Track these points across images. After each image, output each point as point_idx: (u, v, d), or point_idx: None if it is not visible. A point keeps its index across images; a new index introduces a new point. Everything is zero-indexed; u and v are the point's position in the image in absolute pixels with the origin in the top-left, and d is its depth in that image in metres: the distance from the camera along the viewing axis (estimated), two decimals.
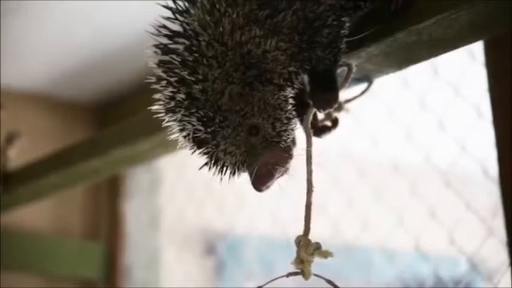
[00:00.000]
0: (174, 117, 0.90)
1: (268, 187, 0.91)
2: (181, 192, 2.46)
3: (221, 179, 0.91)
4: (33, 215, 2.41)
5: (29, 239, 2.40)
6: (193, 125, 0.89)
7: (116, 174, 2.36)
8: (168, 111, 0.91)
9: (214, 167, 0.91)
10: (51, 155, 1.80)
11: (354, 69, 0.98)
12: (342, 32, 0.93)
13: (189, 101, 0.89)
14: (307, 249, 0.89)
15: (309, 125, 0.95)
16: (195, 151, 0.91)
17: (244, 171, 0.92)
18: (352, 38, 0.94)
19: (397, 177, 1.99)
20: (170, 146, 0.97)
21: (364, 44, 0.96)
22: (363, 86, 1.09)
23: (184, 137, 0.91)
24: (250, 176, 0.91)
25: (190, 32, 0.89)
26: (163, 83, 0.91)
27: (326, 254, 0.89)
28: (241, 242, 2.75)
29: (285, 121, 0.91)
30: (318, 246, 0.89)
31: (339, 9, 0.92)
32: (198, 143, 0.90)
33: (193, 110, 0.89)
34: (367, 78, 1.07)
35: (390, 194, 2.04)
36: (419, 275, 2.42)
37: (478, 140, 1.43)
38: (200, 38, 0.89)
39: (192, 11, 0.90)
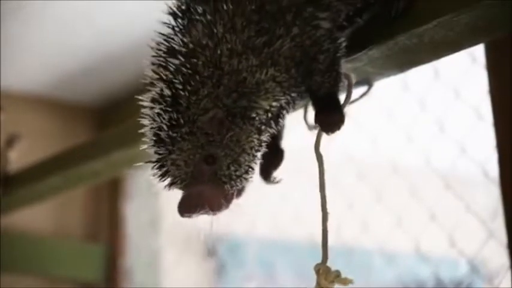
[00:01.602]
0: (153, 108, 0.89)
1: (190, 216, 0.89)
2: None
3: (157, 183, 0.90)
4: (34, 216, 2.41)
5: (30, 240, 2.40)
6: (162, 122, 0.88)
7: (116, 176, 2.37)
8: (152, 101, 0.90)
9: (157, 170, 0.90)
10: (51, 157, 1.80)
11: (354, 81, 0.96)
12: (338, 54, 0.92)
13: (171, 101, 0.88)
14: (327, 277, 0.88)
15: (320, 151, 0.94)
16: (148, 146, 0.90)
17: (179, 189, 0.90)
18: (354, 56, 0.94)
19: (397, 179, 1.99)
20: None
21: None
22: (363, 88, 1.09)
23: (150, 128, 0.90)
24: (181, 199, 0.89)
25: (188, 51, 0.88)
26: (157, 78, 0.90)
27: (346, 282, 0.88)
28: (242, 244, 2.75)
29: (244, 168, 0.90)
30: (337, 274, 0.88)
31: (335, 32, 0.91)
32: (155, 140, 0.89)
33: (170, 110, 0.88)
34: (367, 81, 1.07)
35: (390, 196, 2.04)
36: (420, 277, 2.42)
37: (479, 142, 1.43)
38: (197, 58, 0.88)
39: (191, 30, 0.89)
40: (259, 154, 0.91)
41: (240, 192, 0.92)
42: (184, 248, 2.62)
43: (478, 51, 1.26)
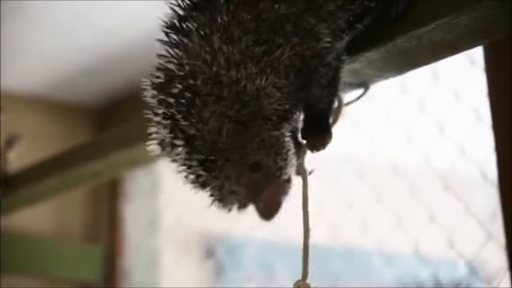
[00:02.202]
0: (176, 159, 0.90)
1: (276, 216, 0.92)
2: (181, 195, 2.46)
3: (230, 213, 0.92)
4: (34, 217, 2.41)
5: (29, 241, 2.40)
6: (195, 170, 0.89)
7: (115, 177, 2.37)
8: (170, 152, 0.90)
9: (223, 206, 0.92)
10: (51, 158, 1.80)
11: (344, 102, 0.97)
12: (340, 70, 0.92)
13: (188, 148, 0.88)
14: None
15: (304, 167, 0.95)
16: (199, 191, 0.91)
17: (250, 206, 0.92)
18: (353, 58, 0.94)
19: (396, 181, 1.99)
20: None
21: (364, 49, 0.96)
22: (360, 91, 1.09)
23: (188, 177, 0.91)
24: (258, 210, 0.91)
25: (185, 72, 0.88)
26: (162, 126, 0.90)
27: None
28: (241, 245, 2.75)
29: (285, 155, 0.91)
30: None
31: (338, 46, 0.92)
32: (202, 185, 0.90)
33: (193, 156, 0.88)
34: (363, 83, 1.07)
35: (389, 197, 2.04)
36: (419, 278, 2.42)
37: (478, 144, 1.43)
38: (195, 78, 0.88)
39: (187, 44, 0.89)
40: (287, 139, 0.92)
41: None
42: (184, 249, 2.62)
43: (477, 53, 1.26)
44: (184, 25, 0.90)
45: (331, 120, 0.96)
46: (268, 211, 0.91)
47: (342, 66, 0.93)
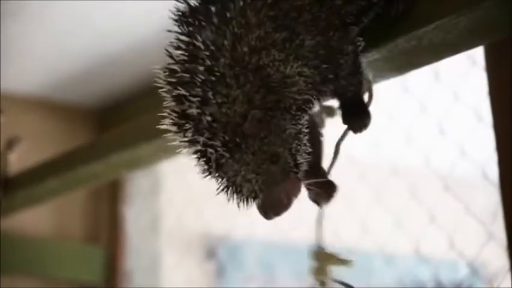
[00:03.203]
0: (197, 141, 0.88)
1: (279, 216, 0.89)
2: (182, 196, 2.46)
3: (238, 205, 0.89)
4: (34, 219, 2.41)
5: (30, 243, 2.40)
6: (217, 150, 0.87)
7: (116, 178, 2.37)
8: (183, 131, 0.88)
9: (231, 192, 0.89)
10: (51, 160, 1.80)
11: (372, 80, 0.98)
12: (359, 55, 0.93)
13: (214, 126, 0.87)
14: (326, 259, 0.89)
15: (340, 146, 1.00)
16: (209, 174, 0.89)
17: (257, 200, 0.89)
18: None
19: (397, 181, 1.99)
20: (170, 151, 0.96)
21: (364, 49, 0.96)
22: None
23: (199, 158, 0.89)
24: (264, 205, 0.88)
25: (208, 54, 0.87)
26: (179, 101, 0.88)
27: (346, 262, 0.90)
28: (242, 246, 2.75)
29: (304, 154, 0.90)
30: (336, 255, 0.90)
31: (351, 32, 0.92)
32: (219, 166, 0.88)
33: (219, 134, 0.87)
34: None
35: (390, 198, 2.04)
36: (420, 278, 2.42)
37: (478, 144, 1.43)
38: (219, 60, 0.87)
39: (205, 32, 0.88)
40: (306, 136, 0.91)
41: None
42: (185, 250, 2.62)
43: (478, 53, 1.26)
44: (200, 14, 0.89)
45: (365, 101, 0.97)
46: (276, 210, 0.88)
47: (359, 50, 0.93)
